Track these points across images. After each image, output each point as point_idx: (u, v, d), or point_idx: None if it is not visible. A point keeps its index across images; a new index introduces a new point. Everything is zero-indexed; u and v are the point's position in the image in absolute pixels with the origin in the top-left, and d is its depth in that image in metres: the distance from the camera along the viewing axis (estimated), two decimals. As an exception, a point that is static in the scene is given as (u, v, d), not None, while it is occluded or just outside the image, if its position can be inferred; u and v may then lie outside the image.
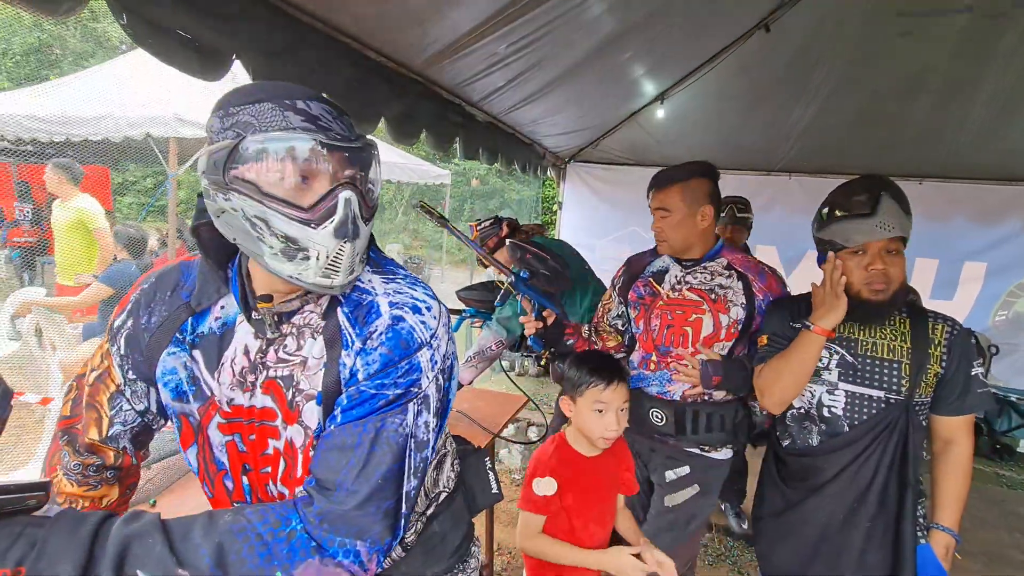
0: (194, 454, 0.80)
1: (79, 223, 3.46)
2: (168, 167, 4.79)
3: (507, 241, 1.76)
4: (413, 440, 0.70)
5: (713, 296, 1.52)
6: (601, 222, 5.07)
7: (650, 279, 1.63)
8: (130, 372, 0.80)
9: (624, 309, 1.70)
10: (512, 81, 2.79)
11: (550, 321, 1.61)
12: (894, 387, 1.26)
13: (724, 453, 1.56)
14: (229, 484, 0.79)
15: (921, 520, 1.28)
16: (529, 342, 1.65)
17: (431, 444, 0.73)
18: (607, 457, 1.37)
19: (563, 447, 1.35)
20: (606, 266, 4.03)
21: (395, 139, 2.41)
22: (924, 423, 1.30)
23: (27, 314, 3.15)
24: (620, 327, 1.74)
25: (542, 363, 1.72)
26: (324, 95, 0.71)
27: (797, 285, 1.52)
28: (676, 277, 1.59)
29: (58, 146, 5.23)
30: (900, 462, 1.25)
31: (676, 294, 1.57)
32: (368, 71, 2.04)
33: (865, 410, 1.28)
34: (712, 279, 1.54)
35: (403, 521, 0.69)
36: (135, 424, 0.82)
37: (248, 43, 1.53)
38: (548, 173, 4.97)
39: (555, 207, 5.52)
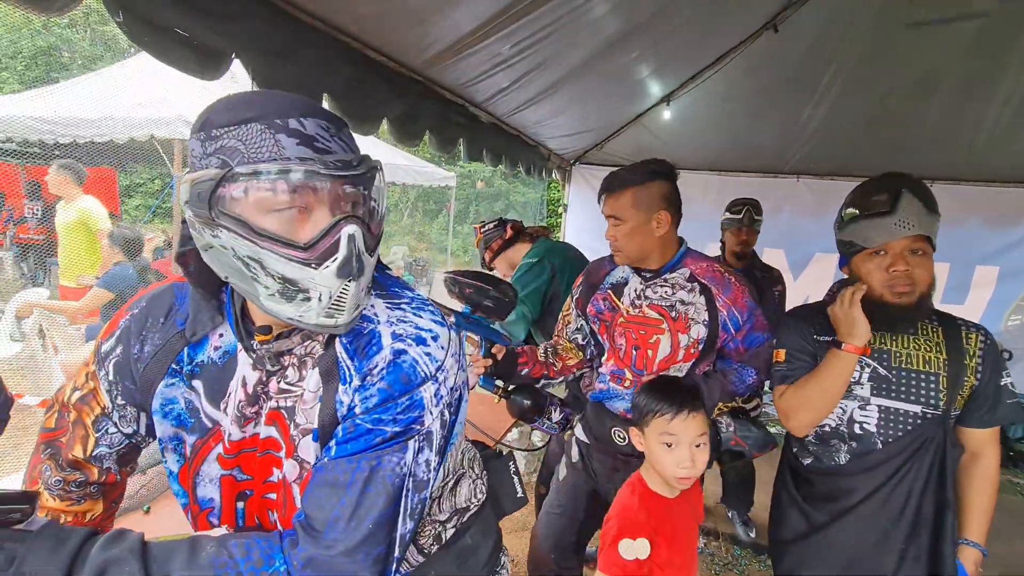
0: (182, 490, 0.76)
1: (82, 224, 3.47)
2: (173, 168, 4.80)
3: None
4: (412, 479, 0.64)
5: (674, 314, 1.41)
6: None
7: (609, 291, 1.53)
8: (119, 398, 0.76)
9: (584, 323, 1.60)
10: (516, 82, 2.76)
11: (500, 356, 1.50)
12: (932, 401, 1.18)
13: None
14: (214, 519, 0.75)
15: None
16: (480, 383, 1.53)
17: (431, 484, 0.67)
18: (687, 492, 1.22)
19: (646, 495, 1.18)
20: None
21: (398, 140, 2.38)
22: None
23: (29, 315, 3.15)
24: (580, 342, 1.64)
25: (497, 400, 1.61)
26: (320, 105, 0.65)
27: (804, 288, 1.48)
28: (636, 291, 1.48)
29: (64, 148, 5.26)
30: (938, 481, 1.17)
31: (636, 311, 1.46)
32: (369, 71, 2.01)
33: (900, 426, 1.20)
34: (673, 293, 1.43)
35: (394, 565, 0.65)
36: (121, 446, 0.79)
37: (247, 42, 1.51)
38: (553, 175, 4.94)
39: (560, 209, 5.48)
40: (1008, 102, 3.13)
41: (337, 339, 0.68)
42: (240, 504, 0.74)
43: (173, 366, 0.72)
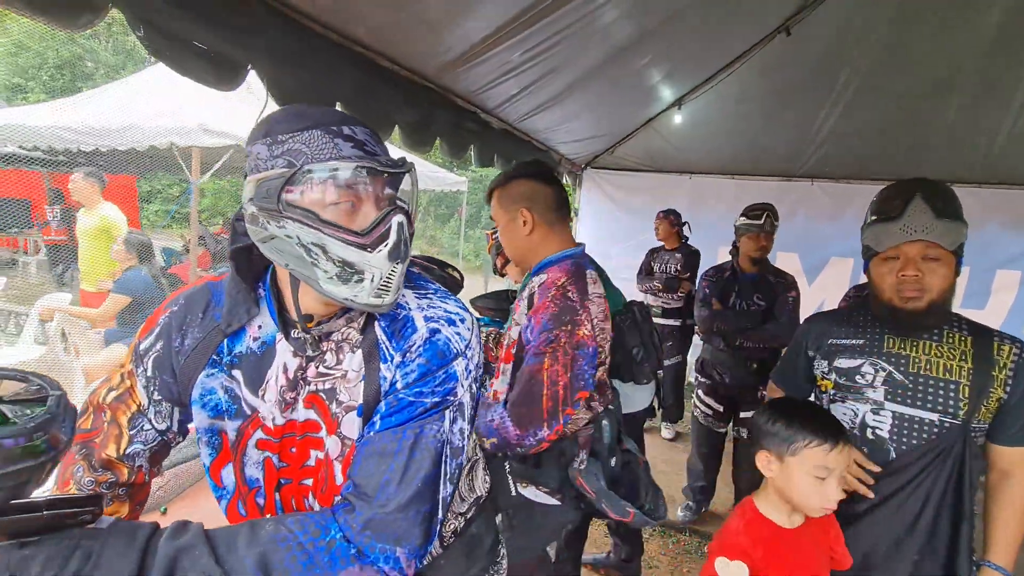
0: (230, 472, 0.80)
1: (103, 230, 3.56)
2: (191, 175, 4.90)
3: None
4: (449, 447, 0.71)
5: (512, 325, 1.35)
6: (617, 229, 5.02)
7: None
8: (155, 393, 0.81)
9: None
10: (527, 88, 2.78)
11: None
12: (950, 409, 1.14)
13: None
14: (260, 501, 0.80)
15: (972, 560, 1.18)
16: None
17: (464, 450, 0.75)
18: (812, 527, 1.14)
19: (755, 521, 1.13)
20: (623, 274, 4.00)
21: (410, 147, 2.41)
22: (980, 450, 1.19)
23: (51, 319, 3.23)
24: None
25: None
26: (357, 118, 0.72)
27: (819, 293, 1.47)
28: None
29: (88, 155, 5.40)
30: (955, 492, 1.14)
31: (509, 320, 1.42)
32: (380, 78, 2.04)
33: (916, 434, 1.17)
34: (520, 303, 1.38)
35: (437, 527, 0.71)
36: (154, 443, 0.83)
37: (262, 53, 1.54)
38: (563, 180, 4.95)
39: (571, 214, 5.49)
40: (1029, 104, 3.08)
41: (376, 323, 0.75)
42: (277, 494, 0.78)
43: (213, 357, 0.77)
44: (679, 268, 3.61)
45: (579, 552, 2.06)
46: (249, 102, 4.60)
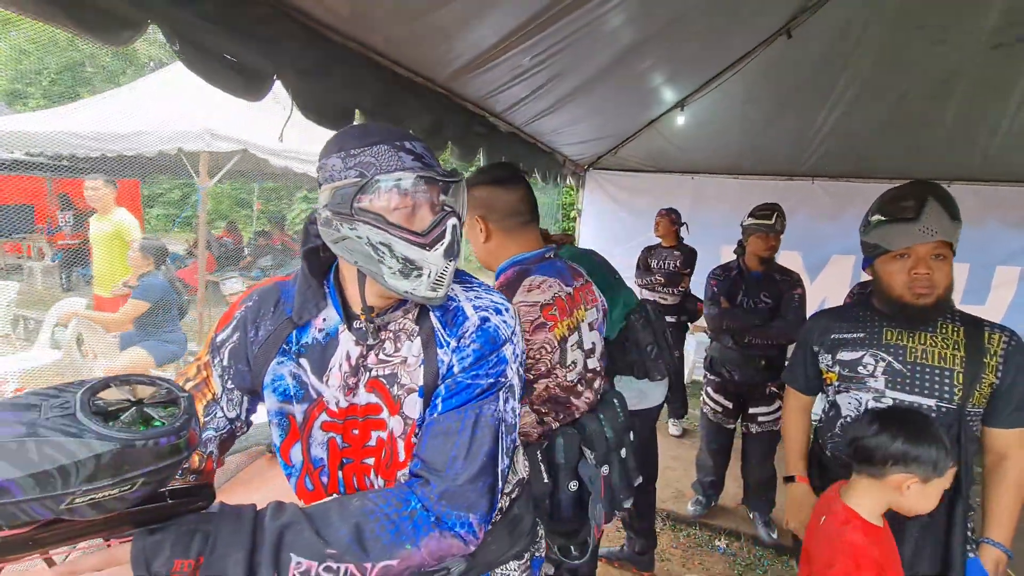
0: (298, 451, 0.87)
1: (117, 235, 3.60)
2: (198, 180, 4.94)
3: None
4: (503, 424, 0.79)
5: None
6: (620, 229, 5.08)
7: None
8: (229, 382, 0.89)
9: None
10: (535, 92, 2.83)
11: None
12: (946, 395, 1.23)
13: None
14: (324, 479, 0.86)
15: (970, 534, 1.26)
16: None
17: (516, 427, 0.82)
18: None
19: (869, 529, 1.14)
20: (627, 274, 4.04)
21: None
22: (976, 434, 1.27)
23: (69, 322, 3.27)
24: None
25: None
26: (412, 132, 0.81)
27: (821, 291, 1.53)
28: None
29: (93, 161, 5.44)
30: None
31: None
32: (397, 86, 2.09)
33: None
34: None
35: (499, 496, 0.78)
36: (224, 431, 0.90)
37: (287, 64, 1.59)
38: (567, 181, 5.00)
39: (574, 214, 5.54)
40: (1025, 103, 3.14)
41: (431, 313, 0.83)
42: (340, 472, 0.85)
43: (283, 347, 0.85)
44: (678, 265, 3.68)
45: (595, 546, 2.11)
46: (255, 107, 4.65)
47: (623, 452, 1.34)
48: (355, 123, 0.82)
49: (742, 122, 4.04)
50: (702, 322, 4.53)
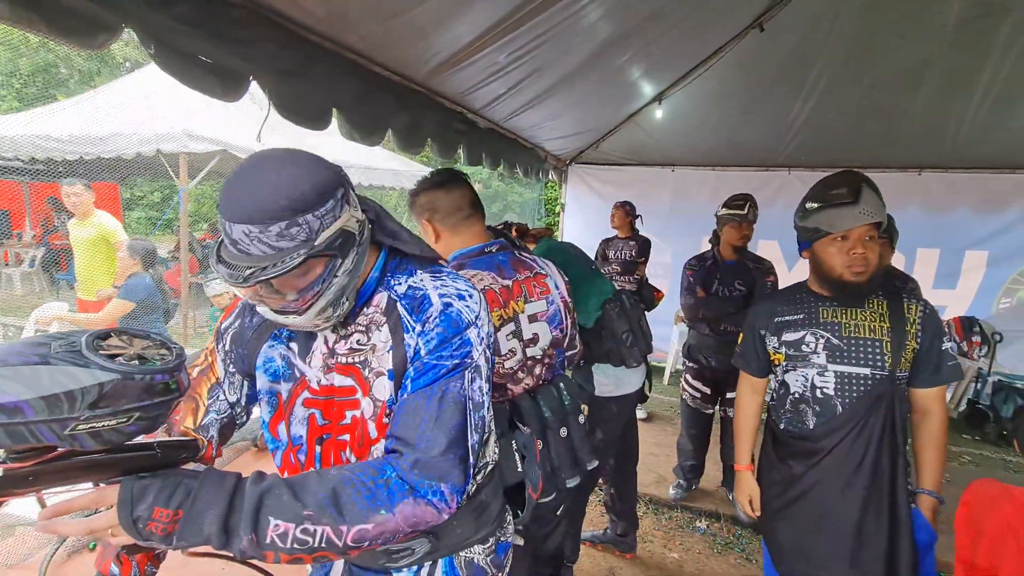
0: (283, 428, 0.94)
1: (102, 239, 3.57)
2: (178, 181, 4.90)
3: None
4: (471, 402, 0.83)
5: None
6: (603, 222, 5.10)
7: None
8: (231, 366, 0.97)
9: None
10: (512, 88, 2.87)
11: None
12: (879, 364, 1.35)
13: None
14: (302, 457, 0.92)
15: (908, 488, 1.38)
16: None
17: (486, 405, 0.87)
18: None
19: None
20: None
21: (402, 149, 2.49)
22: (906, 396, 1.41)
23: (49, 326, 3.25)
24: None
25: None
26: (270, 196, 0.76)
27: (798, 278, 1.58)
28: None
29: (71, 164, 5.36)
30: (890, 433, 1.35)
31: None
32: (374, 84, 2.12)
33: (855, 388, 1.37)
34: None
35: (472, 470, 0.83)
36: (225, 415, 0.97)
37: (263, 64, 1.61)
38: (550, 176, 5.05)
39: (558, 208, 5.59)
40: (989, 92, 3.24)
41: (398, 304, 0.88)
42: (318, 448, 0.91)
43: (275, 332, 0.93)
44: (633, 254, 3.84)
45: (578, 529, 2.17)
46: (233, 108, 4.62)
47: (563, 431, 1.39)
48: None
49: (719, 115, 4.11)
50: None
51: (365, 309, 0.89)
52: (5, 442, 0.56)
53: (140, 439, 0.67)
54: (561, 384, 1.44)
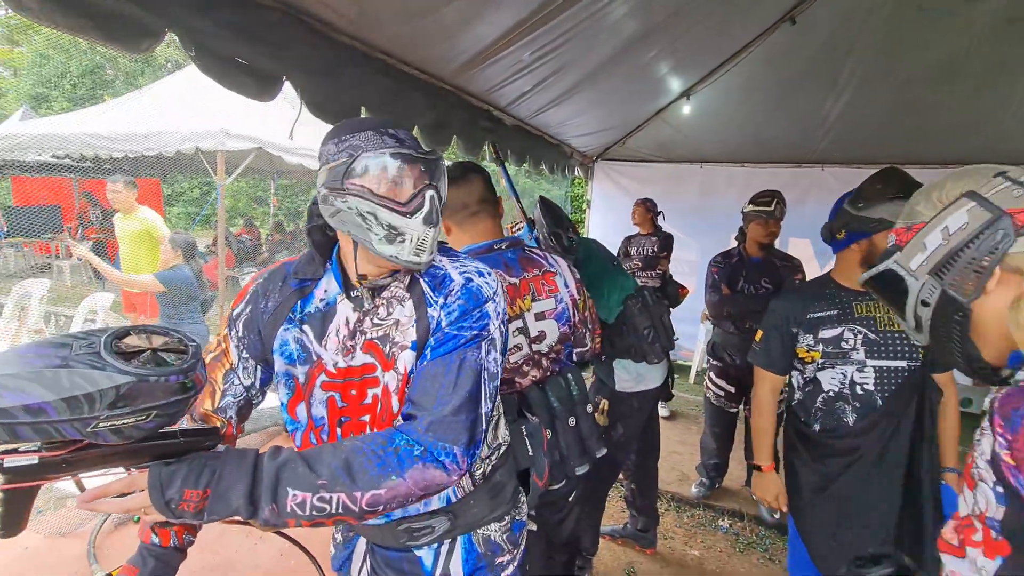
0: (303, 409, 0.98)
1: (146, 233, 3.75)
2: (216, 178, 5.09)
3: None
4: (486, 371, 0.89)
5: None
6: (630, 219, 5.11)
7: None
8: (244, 352, 1.00)
9: None
10: (538, 85, 2.88)
11: None
12: (914, 355, 1.37)
13: None
14: (324, 436, 0.97)
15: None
16: None
17: (498, 376, 0.93)
18: None
19: None
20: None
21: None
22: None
23: (95, 317, 3.43)
24: None
25: None
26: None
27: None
28: None
29: (116, 162, 5.62)
30: (924, 419, 1.36)
31: None
32: (402, 83, 2.17)
33: (893, 381, 1.38)
34: None
35: (481, 436, 0.88)
36: (241, 398, 1.02)
37: (296, 65, 1.68)
38: (576, 172, 5.04)
39: (584, 205, 5.58)
40: (1034, 83, 3.10)
41: (420, 280, 0.95)
42: (339, 429, 0.96)
43: (289, 315, 0.97)
44: (655, 250, 3.83)
45: (597, 522, 2.19)
46: (267, 106, 4.77)
47: (571, 421, 1.41)
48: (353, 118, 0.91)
49: (749, 110, 4.04)
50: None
51: (388, 279, 0.94)
52: (33, 438, 0.62)
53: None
54: (569, 375, 1.46)
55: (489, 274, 0.95)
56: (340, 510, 0.75)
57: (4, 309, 4.17)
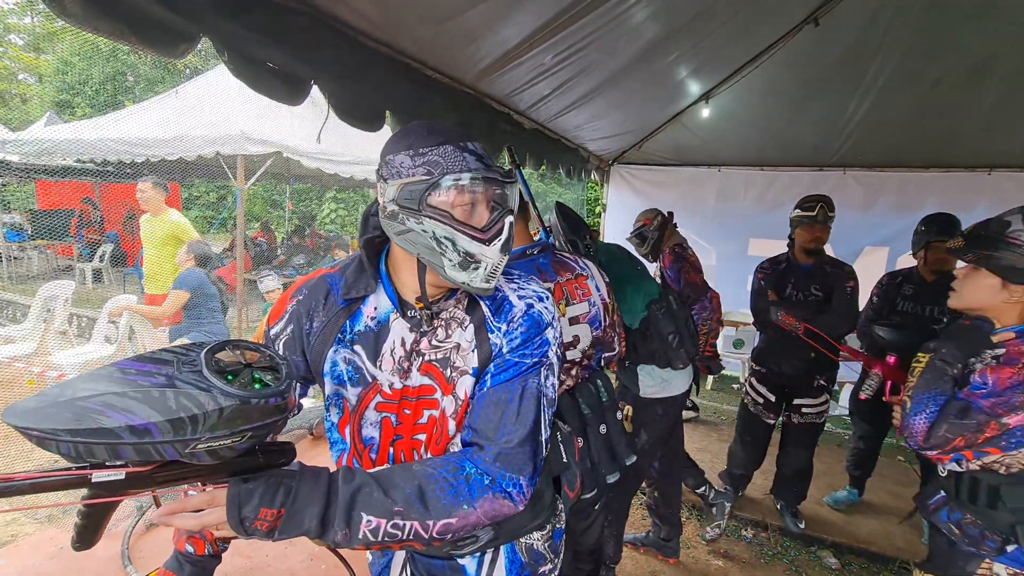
0: (348, 432, 0.95)
1: (173, 236, 3.78)
2: (236, 182, 5.15)
3: None
4: (545, 398, 0.88)
5: None
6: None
7: None
8: None
9: None
10: (558, 89, 2.88)
11: None
12: None
13: None
14: (373, 456, 0.94)
15: None
16: None
17: (555, 401, 0.92)
18: None
19: None
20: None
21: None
22: None
23: (120, 316, 3.48)
24: None
25: None
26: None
27: (867, 284, 1.52)
28: None
29: (137, 166, 5.72)
30: None
31: None
32: (426, 87, 2.18)
33: None
34: None
35: (542, 463, 0.87)
36: None
37: (323, 69, 1.69)
38: (592, 176, 5.02)
39: (599, 209, 5.55)
40: (1068, 85, 3.02)
41: (481, 303, 0.91)
42: (391, 449, 0.93)
43: (338, 336, 0.91)
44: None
45: (620, 530, 2.16)
46: (286, 110, 4.81)
47: (602, 428, 1.39)
48: (418, 122, 0.87)
49: (769, 113, 3.99)
50: (732, 316, 4.51)
51: (447, 303, 0.91)
52: (133, 458, 0.61)
53: None
54: (598, 381, 1.45)
55: (548, 298, 0.94)
56: (411, 536, 0.75)
57: (31, 311, 4.25)
